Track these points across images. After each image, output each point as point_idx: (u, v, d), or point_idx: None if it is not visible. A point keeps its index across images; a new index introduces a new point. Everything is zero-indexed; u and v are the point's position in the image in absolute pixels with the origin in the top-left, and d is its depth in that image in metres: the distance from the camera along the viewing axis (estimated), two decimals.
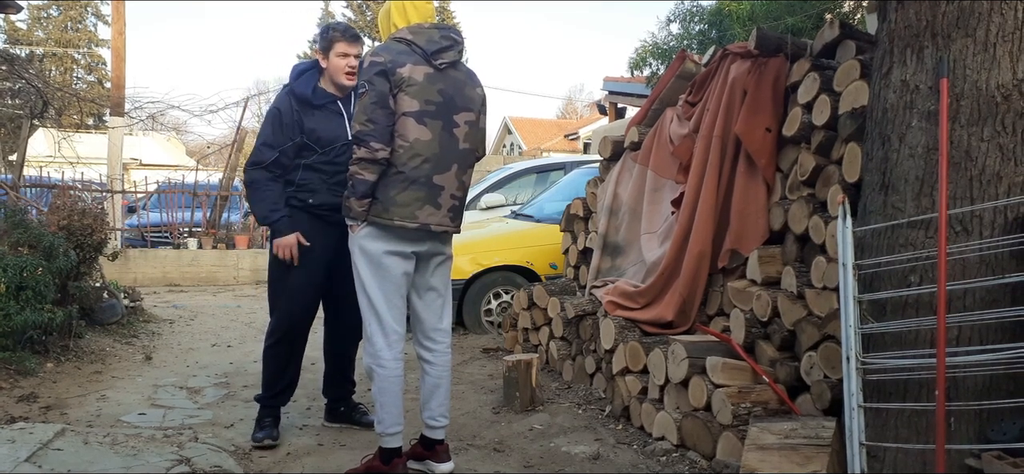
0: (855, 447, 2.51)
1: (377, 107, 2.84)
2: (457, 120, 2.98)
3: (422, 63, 2.91)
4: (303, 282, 3.46)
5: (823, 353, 3.02)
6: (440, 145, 2.93)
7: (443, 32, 2.99)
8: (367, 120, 2.85)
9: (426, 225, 2.92)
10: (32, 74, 10.97)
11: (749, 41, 3.91)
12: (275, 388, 3.57)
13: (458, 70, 3.03)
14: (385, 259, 2.95)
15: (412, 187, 2.89)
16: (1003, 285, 2.40)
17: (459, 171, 3.01)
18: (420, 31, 2.96)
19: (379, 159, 2.85)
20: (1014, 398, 2.35)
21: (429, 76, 2.91)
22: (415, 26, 2.99)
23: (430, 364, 3.11)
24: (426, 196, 2.91)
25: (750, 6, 9.12)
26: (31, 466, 2.97)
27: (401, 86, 2.86)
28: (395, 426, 2.99)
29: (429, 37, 2.95)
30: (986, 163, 2.48)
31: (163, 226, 11.16)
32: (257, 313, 7.67)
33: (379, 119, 2.84)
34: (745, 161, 3.79)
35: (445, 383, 3.12)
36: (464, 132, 3.01)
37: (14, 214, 5.19)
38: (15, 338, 4.48)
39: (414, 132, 2.87)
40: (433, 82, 2.92)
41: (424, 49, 2.93)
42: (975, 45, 2.50)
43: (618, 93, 16.33)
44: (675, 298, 3.93)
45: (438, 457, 3.11)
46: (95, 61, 31.96)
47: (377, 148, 2.84)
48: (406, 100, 2.87)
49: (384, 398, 2.98)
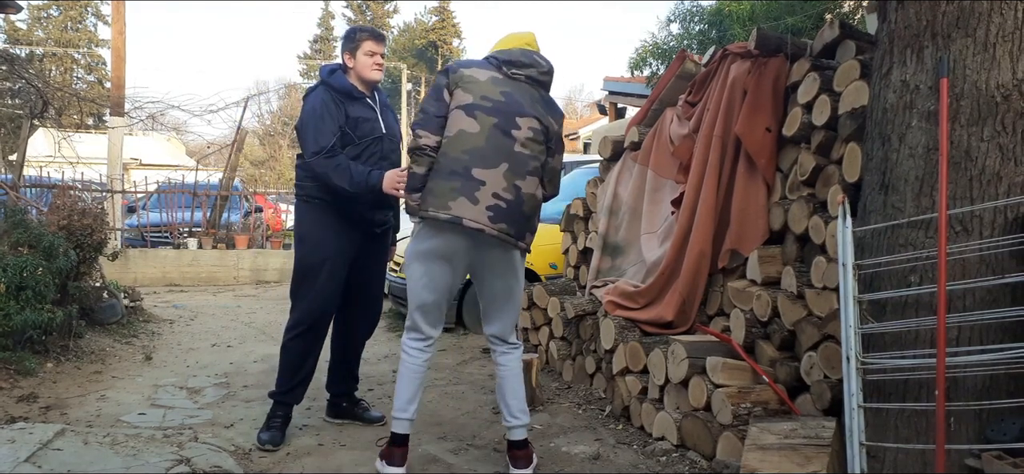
0: (855, 447, 2.51)
1: (431, 99, 2.97)
2: (519, 123, 2.93)
3: (491, 69, 3.00)
4: (330, 277, 3.50)
5: (823, 353, 3.02)
6: (487, 140, 2.88)
7: (527, 53, 3.05)
8: (419, 111, 2.98)
9: (458, 218, 2.83)
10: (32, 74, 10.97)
11: (749, 41, 3.91)
12: (292, 381, 3.57)
13: (536, 88, 3.05)
14: (425, 257, 2.99)
15: (450, 178, 2.87)
16: (1003, 285, 2.41)
17: (511, 173, 2.89)
18: (506, 50, 3.06)
19: (421, 146, 2.92)
20: (1014, 398, 2.35)
21: (494, 78, 2.97)
22: (507, 49, 3.07)
23: (498, 365, 3.16)
24: (462, 187, 2.85)
25: (750, 6, 9.11)
26: (31, 466, 2.97)
27: (459, 83, 2.94)
28: (401, 411, 3.07)
29: (510, 53, 3.04)
30: (986, 163, 2.48)
31: (163, 226, 11.15)
32: (257, 313, 7.66)
33: (429, 109, 2.95)
34: (745, 161, 3.79)
35: (511, 380, 3.12)
36: (525, 137, 2.93)
37: (14, 214, 5.18)
38: (15, 338, 4.48)
39: (460, 123, 2.90)
40: (497, 84, 2.96)
41: (499, 59, 3.02)
42: (975, 45, 2.50)
43: (618, 93, 16.31)
44: (675, 298, 3.93)
45: (515, 462, 3.11)
46: (95, 61, 31.96)
47: (421, 135, 2.92)
48: (460, 94, 2.93)
49: (400, 381, 3.10)
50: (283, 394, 3.58)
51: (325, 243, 3.50)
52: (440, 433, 3.67)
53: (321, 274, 3.49)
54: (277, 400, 3.59)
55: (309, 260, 3.51)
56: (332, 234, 3.49)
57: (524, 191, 2.93)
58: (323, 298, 3.52)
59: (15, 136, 11.82)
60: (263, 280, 10.60)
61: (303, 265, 3.54)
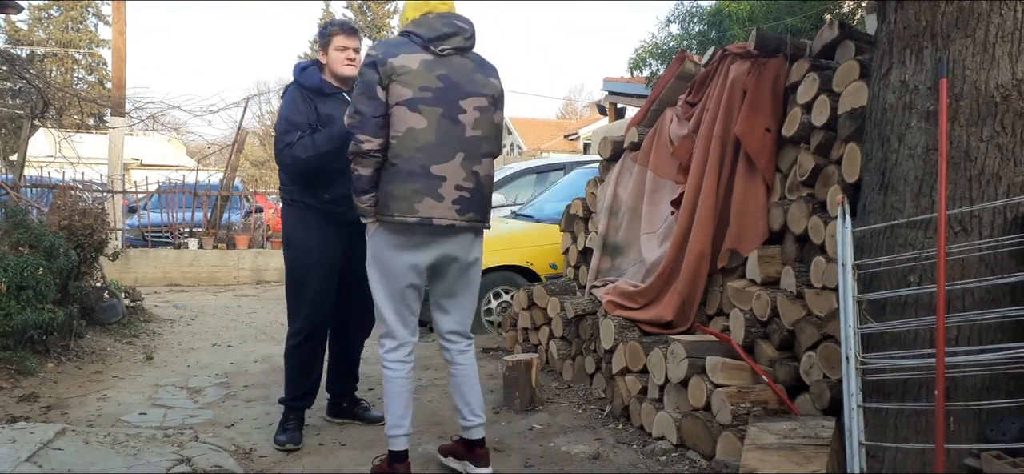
0: (854, 447, 2.51)
1: (363, 97, 2.79)
2: (463, 106, 2.84)
3: (419, 50, 2.82)
4: (323, 282, 3.50)
5: (822, 353, 3.02)
6: (437, 133, 2.80)
7: (445, 19, 2.87)
8: (354, 112, 2.82)
9: (428, 219, 2.80)
10: (33, 74, 10.98)
11: (748, 41, 3.91)
12: (301, 390, 3.59)
13: (466, 57, 2.92)
14: (390, 262, 2.89)
15: (409, 179, 2.78)
16: (1002, 285, 2.41)
17: (467, 160, 2.85)
18: (423, 21, 2.87)
19: (365, 151, 2.79)
20: (1013, 398, 2.35)
21: (426, 63, 2.80)
22: (420, 18, 2.89)
23: (454, 364, 3.09)
24: (424, 187, 2.79)
25: (749, 6, 9.12)
26: (32, 466, 2.97)
27: (392, 76, 2.76)
28: (395, 428, 2.97)
29: (430, 25, 2.85)
30: (985, 163, 2.48)
31: (164, 226, 11.16)
32: (257, 313, 7.67)
33: (364, 110, 2.78)
34: (745, 161, 3.79)
35: (471, 379, 3.08)
36: (473, 119, 2.87)
37: (15, 214, 5.19)
38: (16, 338, 4.48)
39: (407, 121, 2.77)
40: (431, 68, 2.81)
41: (423, 37, 2.83)
42: (974, 45, 2.50)
43: (618, 93, 16.34)
44: (675, 298, 3.93)
45: (477, 461, 3.08)
46: (96, 61, 31.96)
47: (362, 140, 2.79)
48: (398, 89, 2.77)
49: (388, 399, 2.99)
50: (293, 400, 3.59)
51: (312, 245, 3.48)
52: (440, 433, 3.68)
53: (313, 278, 3.49)
54: (288, 406, 3.59)
55: (299, 264, 3.51)
56: (318, 235, 3.48)
57: (482, 174, 2.92)
58: (319, 303, 3.52)
59: (16, 136, 11.83)
60: (264, 280, 10.61)
61: (294, 270, 3.54)
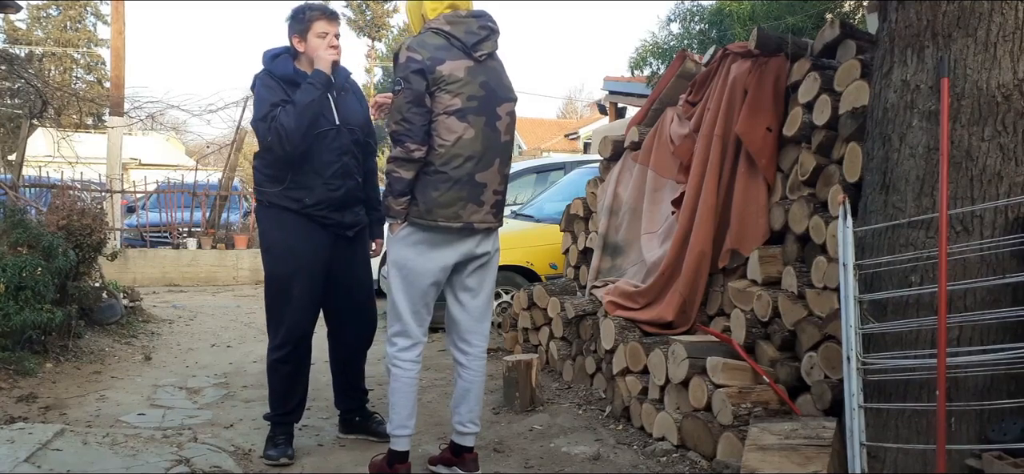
0: (856, 447, 2.50)
1: (413, 106, 2.76)
2: (499, 113, 2.91)
3: (462, 57, 2.82)
4: (305, 290, 3.26)
5: (824, 353, 3.01)
6: (483, 141, 2.85)
7: (481, 22, 2.89)
8: (402, 119, 2.77)
9: (470, 224, 2.87)
10: (31, 74, 10.97)
11: (749, 41, 3.90)
12: (287, 406, 3.36)
13: (495, 60, 2.96)
14: (418, 261, 2.89)
15: (455, 187, 2.82)
16: (1004, 285, 2.40)
17: (501, 165, 2.94)
18: (458, 21, 2.85)
19: (415, 159, 2.80)
20: (1015, 398, 2.35)
21: (470, 70, 2.82)
22: (452, 14, 2.87)
23: (463, 367, 3.06)
24: (469, 195, 2.84)
25: (750, 6, 9.10)
26: (30, 466, 2.97)
27: (441, 84, 2.77)
28: (402, 428, 2.96)
29: (468, 27, 2.85)
30: (987, 163, 2.48)
31: (162, 226, 11.14)
32: (256, 313, 7.65)
33: (414, 119, 2.76)
34: (745, 161, 3.78)
35: (476, 388, 3.06)
36: (506, 124, 2.94)
37: (13, 214, 5.18)
38: (14, 338, 4.47)
39: (457, 130, 2.80)
40: (475, 76, 2.83)
41: (463, 41, 2.83)
42: (976, 45, 2.49)
43: (618, 93, 16.31)
44: (675, 298, 3.92)
45: (466, 465, 3.07)
46: (94, 61, 31.90)
47: (413, 148, 2.78)
48: (446, 98, 2.78)
49: (395, 398, 2.97)
50: (280, 416, 3.36)
51: (293, 253, 3.22)
52: (440, 433, 3.67)
53: (294, 287, 3.23)
54: (275, 422, 3.36)
55: (279, 272, 3.25)
56: (300, 241, 3.22)
57: (507, 175, 3.04)
58: (301, 314, 3.26)
59: (14, 136, 11.82)
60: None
61: (274, 279, 3.28)
